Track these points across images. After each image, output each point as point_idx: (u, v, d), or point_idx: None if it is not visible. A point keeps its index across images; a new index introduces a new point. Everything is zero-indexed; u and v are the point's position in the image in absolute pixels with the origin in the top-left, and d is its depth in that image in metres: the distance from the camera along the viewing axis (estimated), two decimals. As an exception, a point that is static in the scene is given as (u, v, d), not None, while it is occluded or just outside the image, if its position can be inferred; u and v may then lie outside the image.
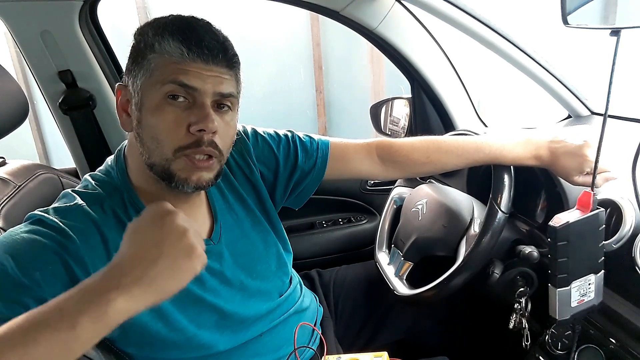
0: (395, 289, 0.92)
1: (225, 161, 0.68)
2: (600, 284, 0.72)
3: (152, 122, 0.62)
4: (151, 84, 0.62)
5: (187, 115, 0.61)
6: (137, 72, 0.63)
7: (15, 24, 1.11)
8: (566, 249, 0.68)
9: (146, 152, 0.63)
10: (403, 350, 1.00)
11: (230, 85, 0.64)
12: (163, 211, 0.49)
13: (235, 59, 0.65)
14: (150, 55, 0.62)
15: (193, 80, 0.60)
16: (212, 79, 0.62)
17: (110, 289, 0.44)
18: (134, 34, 0.65)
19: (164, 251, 0.46)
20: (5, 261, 0.54)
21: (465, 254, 0.80)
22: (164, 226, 0.48)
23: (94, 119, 1.25)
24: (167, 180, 0.63)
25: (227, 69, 0.63)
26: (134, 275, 0.45)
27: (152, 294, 0.46)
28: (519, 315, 0.85)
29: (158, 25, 0.62)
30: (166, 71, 0.61)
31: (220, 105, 0.64)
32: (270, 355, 0.76)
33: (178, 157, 0.62)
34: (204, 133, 0.61)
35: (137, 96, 0.63)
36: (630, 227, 0.72)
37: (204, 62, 0.61)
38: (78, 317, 0.42)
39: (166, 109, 0.61)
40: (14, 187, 0.89)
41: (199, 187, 0.64)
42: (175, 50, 0.60)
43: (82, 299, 0.44)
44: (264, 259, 0.80)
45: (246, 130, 0.85)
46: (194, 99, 0.61)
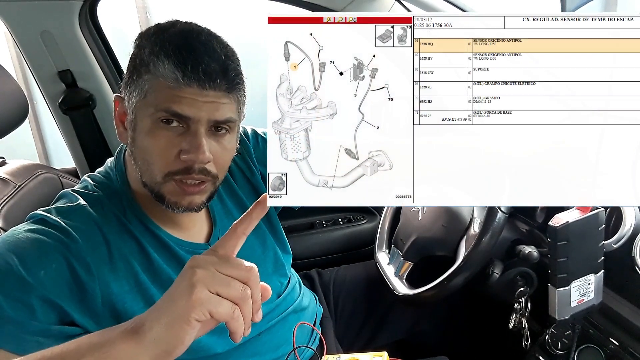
0: (395, 289, 0.92)
1: (221, 181, 0.66)
2: (600, 284, 0.72)
3: (144, 145, 0.60)
4: (144, 106, 0.59)
5: (179, 142, 0.59)
6: (132, 89, 0.61)
7: (15, 24, 1.11)
8: (566, 248, 0.68)
9: (139, 170, 0.63)
10: (403, 350, 1.01)
11: (228, 110, 0.60)
12: (186, 265, 0.46)
13: (237, 80, 0.60)
14: (146, 76, 0.59)
15: (187, 110, 0.57)
16: (208, 105, 0.58)
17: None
18: (134, 41, 0.62)
19: (166, 308, 0.44)
20: (10, 259, 0.54)
21: (465, 253, 0.80)
22: (178, 282, 0.45)
23: (94, 119, 1.25)
24: (159, 201, 0.62)
25: (225, 92, 0.59)
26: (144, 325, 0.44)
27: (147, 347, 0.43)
28: (519, 315, 0.86)
29: (156, 41, 0.59)
30: (160, 96, 0.57)
31: (217, 129, 0.61)
32: (269, 354, 0.76)
33: (167, 180, 0.60)
34: (195, 162, 0.59)
35: (131, 114, 0.61)
36: (630, 226, 0.72)
37: (200, 87, 0.57)
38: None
39: (159, 133, 0.59)
40: (14, 187, 0.89)
41: (191, 209, 0.63)
42: (170, 75, 0.56)
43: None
44: (261, 262, 0.79)
45: (246, 132, 0.85)
46: (187, 125, 0.59)
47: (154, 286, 0.64)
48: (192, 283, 0.43)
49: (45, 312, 0.54)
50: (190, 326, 0.42)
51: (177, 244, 0.68)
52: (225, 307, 0.43)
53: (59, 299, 0.55)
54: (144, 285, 0.63)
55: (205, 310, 0.42)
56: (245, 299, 0.45)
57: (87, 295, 0.58)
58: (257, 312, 0.46)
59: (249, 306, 0.45)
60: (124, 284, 0.62)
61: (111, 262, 0.61)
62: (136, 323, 0.44)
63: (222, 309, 0.43)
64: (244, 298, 0.44)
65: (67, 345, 0.45)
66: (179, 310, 0.43)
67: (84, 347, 0.44)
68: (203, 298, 0.42)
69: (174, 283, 0.45)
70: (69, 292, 0.56)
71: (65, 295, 0.56)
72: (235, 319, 0.44)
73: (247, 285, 0.45)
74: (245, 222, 0.48)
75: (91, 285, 0.58)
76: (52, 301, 0.55)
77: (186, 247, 0.69)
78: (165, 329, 0.43)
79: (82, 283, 0.57)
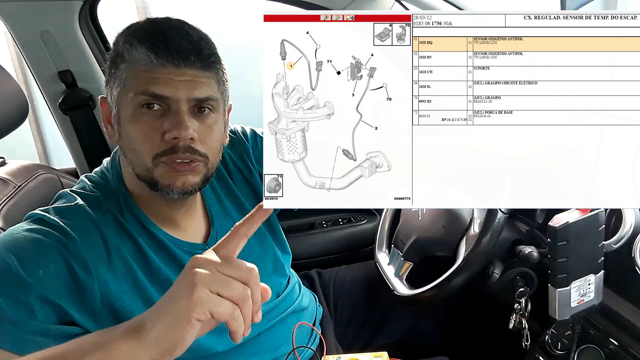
0: (395, 289, 0.92)
1: (215, 164, 0.66)
2: (600, 284, 0.72)
3: (129, 133, 0.60)
4: (125, 95, 0.60)
5: (161, 123, 0.59)
6: (112, 83, 0.61)
7: (15, 24, 1.11)
8: (566, 249, 0.68)
9: (130, 164, 0.62)
10: (403, 350, 1.01)
11: (207, 88, 0.61)
12: (187, 265, 0.46)
13: (212, 59, 0.61)
14: (122, 65, 0.60)
15: (164, 89, 0.58)
16: (185, 83, 0.59)
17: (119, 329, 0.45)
18: (112, 44, 0.63)
19: (167, 307, 0.44)
20: (8, 259, 0.54)
21: (465, 254, 0.80)
22: (179, 282, 0.45)
23: (94, 119, 1.24)
24: (153, 189, 0.62)
25: (202, 70, 0.60)
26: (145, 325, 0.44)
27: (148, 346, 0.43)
28: (519, 315, 0.86)
29: (128, 32, 0.60)
30: (137, 81, 0.58)
31: (200, 109, 0.62)
32: (269, 354, 0.76)
33: (157, 164, 0.60)
34: (179, 140, 0.59)
35: (115, 108, 0.62)
36: (630, 227, 0.72)
37: (174, 66, 0.58)
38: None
39: (141, 118, 0.59)
40: (14, 187, 0.89)
41: (185, 191, 0.62)
42: (144, 57, 0.58)
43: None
44: (259, 263, 0.79)
45: (245, 132, 0.85)
46: (168, 106, 0.59)
47: (152, 286, 0.64)
48: (193, 283, 0.43)
49: (44, 312, 0.54)
50: (191, 325, 0.42)
51: (174, 243, 0.68)
52: (225, 307, 0.43)
53: (58, 299, 0.55)
54: (142, 285, 0.63)
55: (205, 310, 0.42)
56: (246, 299, 0.45)
57: (85, 295, 0.58)
58: (257, 312, 0.46)
59: (249, 306, 0.45)
60: (122, 283, 0.62)
61: (109, 261, 0.61)
62: (137, 322, 0.44)
63: (222, 308, 0.43)
64: (244, 298, 0.44)
65: (67, 346, 0.45)
66: (179, 310, 0.43)
67: (85, 347, 0.44)
68: (204, 298, 0.42)
69: (174, 283, 0.45)
70: (68, 291, 0.56)
71: (64, 294, 0.56)
72: (235, 319, 0.44)
73: (247, 286, 0.45)
74: (247, 224, 0.48)
75: (90, 285, 0.58)
76: (51, 301, 0.55)
77: (184, 247, 0.69)
78: (166, 329, 0.43)
79: (80, 282, 0.57)
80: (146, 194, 0.66)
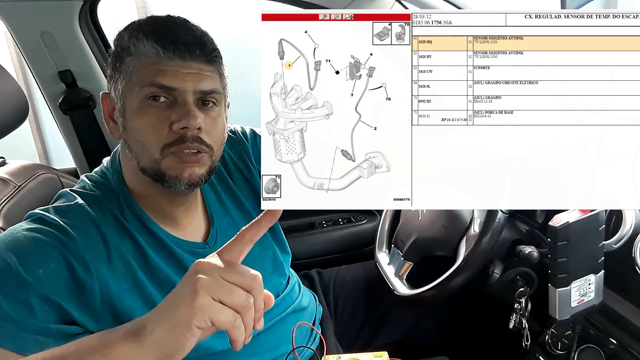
0: (395, 289, 0.92)
1: (218, 157, 0.66)
2: (600, 284, 0.72)
3: (135, 125, 0.61)
4: (131, 88, 0.60)
5: (169, 114, 0.60)
6: (117, 77, 0.62)
7: (15, 24, 1.11)
8: (566, 249, 0.68)
9: (135, 158, 0.62)
10: (403, 350, 1.00)
11: (211, 81, 0.62)
12: (190, 270, 0.45)
13: (214, 54, 0.63)
14: (127, 59, 0.60)
15: (171, 81, 0.59)
16: (192, 76, 0.60)
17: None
18: (113, 41, 0.64)
19: (168, 312, 0.44)
20: (8, 258, 0.54)
21: (465, 254, 0.80)
22: (181, 287, 0.44)
23: (94, 119, 1.25)
24: (160, 182, 0.62)
25: (206, 64, 0.62)
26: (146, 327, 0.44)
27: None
28: (519, 315, 0.85)
29: (133, 27, 0.61)
30: (144, 73, 0.59)
31: (204, 102, 0.63)
32: (268, 354, 0.76)
33: (165, 155, 0.60)
34: (187, 130, 0.60)
35: (119, 102, 0.62)
36: (630, 227, 0.72)
37: (181, 59, 0.59)
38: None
39: (148, 110, 0.60)
40: (14, 187, 0.89)
41: (192, 183, 0.62)
42: (151, 50, 0.59)
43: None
44: (259, 262, 0.79)
45: (244, 131, 0.85)
46: (174, 98, 0.60)
47: (152, 285, 0.64)
48: (195, 289, 0.42)
49: (45, 311, 0.54)
50: (191, 333, 0.42)
51: (174, 242, 0.68)
52: (226, 316, 0.43)
53: (58, 298, 0.55)
54: (142, 284, 0.63)
55: (206, 318, 0.42)
56: (248, 307, 0.44)
57: (86, 294, 0.58)
58: (258, 320, 0.46)
59: (251, 315, 0.45)
60: (122, 282, 0.62)
61: (109, 260, 0.61)
62: (137, 325, 0.44)
63: (223, 317, 0.43)
64: (246, 307, 0.44)
65: (67, 347, 0.45)
66: (180, 316, 0.42)
67: (85, 349, 0.44)
68: (205, 305, 0.42)
69: (176, 287, 0.45)
70: (68, 290, 0.57)
71: (64, 293, 0.56)
72: (236, 327, 0.44)
73: (250, 294, 0.44)
74: (253, 229, 0.47)
75: (90, 284, 0.58)
76: (51, 300, 0.55)
77: (184, 246, 0.69)
78: (166, 334, 0.42)
79: (80, 281, 0.57)
80: (147, 191, 0.66)
